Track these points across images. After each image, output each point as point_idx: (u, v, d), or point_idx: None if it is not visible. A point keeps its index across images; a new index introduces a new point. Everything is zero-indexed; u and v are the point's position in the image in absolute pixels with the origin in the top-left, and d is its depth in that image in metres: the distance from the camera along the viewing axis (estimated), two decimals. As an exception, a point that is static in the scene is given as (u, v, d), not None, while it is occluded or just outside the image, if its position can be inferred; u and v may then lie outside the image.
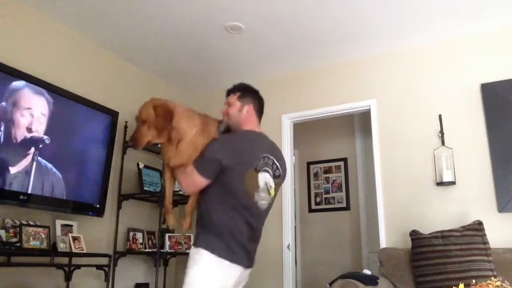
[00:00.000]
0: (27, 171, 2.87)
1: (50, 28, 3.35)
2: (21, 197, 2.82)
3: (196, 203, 2.10)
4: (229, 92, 2.24)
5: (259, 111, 2.23)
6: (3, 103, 2.77)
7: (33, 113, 2.95)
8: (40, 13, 3.26)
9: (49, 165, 3.03)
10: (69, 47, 3.51)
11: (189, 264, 1.93)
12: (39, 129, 2.98)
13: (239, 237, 1.96)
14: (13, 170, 2.79)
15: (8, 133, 2.78)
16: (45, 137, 3.00)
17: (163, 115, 1.99)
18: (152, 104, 2.03)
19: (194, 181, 1.97)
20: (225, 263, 1.91)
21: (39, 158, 2.95)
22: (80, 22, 3.42)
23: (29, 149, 2.90)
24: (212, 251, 1.90)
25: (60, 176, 3.10)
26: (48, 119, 3.04)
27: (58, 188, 3.08)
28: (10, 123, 2.80)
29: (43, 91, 3.03)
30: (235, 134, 2.13)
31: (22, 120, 2.87)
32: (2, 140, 2.74)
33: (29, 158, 2.89)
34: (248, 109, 2.16)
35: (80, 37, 3.60)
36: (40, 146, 2.97)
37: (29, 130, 2.90)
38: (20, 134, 2.85)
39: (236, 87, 2.24)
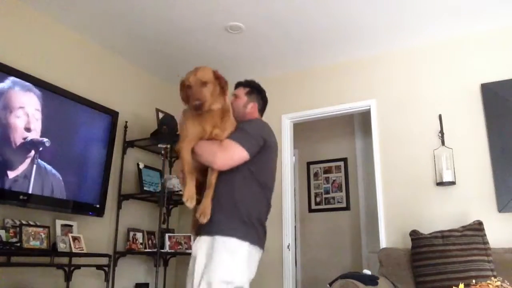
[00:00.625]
0: (26, 174, 2.86)
1: (50, 29, 3.35)
2: (21, 197, 2.82)
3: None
4: (239, 85, 2.31)
5: (262, 111, 2.32)
6: None
7: (27, 111, 2.91)
8: (39, 13, 3.26)
9: (49, 167, 3.02)
10: (69, 47, 3.51)
11: (218, 250, 1.85)
12: (37, 126, 2.96)
13: (262, 218, 2.01)
14: (12, 174, 2.78)
15: (6, 138, 2.77)
16: (45, 139, 3.00)
17: (222, 81, 1.98)
18: (211, 70, 1.98)
19: (234, 155, 1.91)
20: (256, 249, 1.95)
21: (39, 160, 2.94)
22: (80, 22, 3.42)
23: (29, 152, 2.90)
24: (245, 238, 1.88)
25: (60, 177, 3.10)
26: (42, 114, 3.00)
27: (58, 190, 3.08)
28: (6, 127, 2.78)
29: (37, 89, 3.01)
30: (261, 120, 2.17)
31: (18, 121, 2.85)
32: (1, 145, 2.73)
33: (28, 161, 2.88)
34: (252, 106, 2.25)
35: (80, 37, 3.60)
36: (40, 149, 2.96)
37: (27, 129, 2.89)
38: (19, 137, 2.84)
39: (247, 82, 2.32)
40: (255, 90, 2.30)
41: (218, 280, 1.81)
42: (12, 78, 2.84)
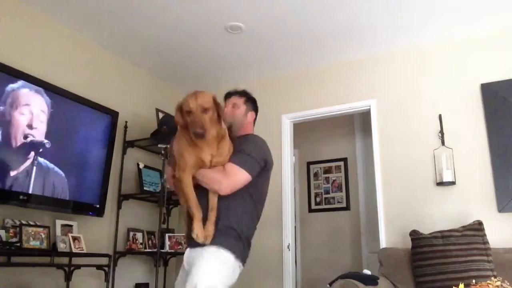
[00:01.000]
0: (27, 172, 2.86)
1: (50, 29, 3.35)
2: (21, 197, 2.82)
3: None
4: (232, 94, 2.27)
5: (255, 120, 2.32)
6: (2, 106, 2.75)
7: (32, 110, 2.92)
8: (40, 14, 3.26)
9: (51, 165, 3.02)
10: (69, 47, 3.51)
11: (207, 257, 1.86)
12: (40, 126, 2.97)
13: (251, 237, 2.03)
14: (12, 174, 2.77)
15: (7, 137, 2.76)
16: (45, 141, 2.99)
17: (220, 107, 1.93)
18: (211, 95, 1.92)
19: (239, 179, 1.91)
20: (240, 264, 1.96)
21: (39, 158, 2.94)
22: (80, 22, 3.41)
23: (29, 153, 2.89)
24: (233, 253, 1.90)
25: (63, 174, 3.10)
26: (48, 117, 3.03)
27: (61, 188, 3.08)
28: (9, 125, 2.78)
29: (43, 90, 3.03)
30: (259, 138, 2.12)
31: (22, 118, 2.85)
32: (1, 143, 2.73)
33: (28, 163, 2.87)
34: (251, 115, 2.25)
35: (80, 37, 3.60)
36: (40, 150, 2.96)
37: (29, 126, 2.89)
38: (20, 136, 2.83)
39: (243, 92, 2.29)
40: (250, 99, 2.28)
41: (204, 285, 1.79)
42: (14, 79, 2.84)
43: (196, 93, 1.89)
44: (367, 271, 2.89)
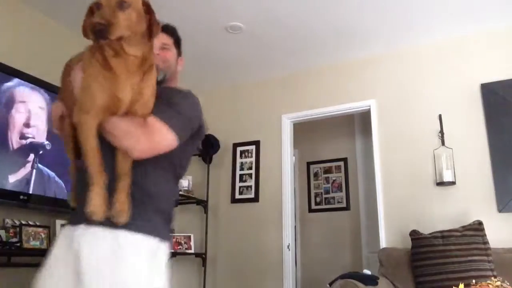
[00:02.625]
0: (27, 180, 2.83)
1: (48, 28, 3.34)
2: (21, 197, 2.81)
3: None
4: (162, 29, 1.67)
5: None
6: None
7: (30, 108, 2.85)
8: (38, 13, 3.25)
9: (52, 173, 2.99)
10: (69, 46, 3.49)
11: (128, 250, 1.31)
12: (39, 125, 2.93)
13: (172, 214, 1.54)
14: (12, 178, 2.74)
15: (4, 138, 2.72)
16: (46, 142, 2.97)
17: (153, 17, 1.45)
18: None
19: (163, 141, 1.38)
20: (167, 245, 1.46)
21: (39, 165, 2.90)
22: (80, 21, 3.41)
23: (29, 155, 2.85)
24: (162, 237, 1.41)
25: (63, 185, 3.07)
26: (48, 114, 2.99)
27: (61, 190, 3.07)
28: (5, 126, 2.73)
29: (40, 89, 2.98)
30: (195, 96, 1.61)
31: (18, 116, 2.78)
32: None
33: (28, 166, 2.84)
34: (180, 62, 1.81)
35: (79, 36, 3.59)
36: (41, 152, 2.92)
37: (26, 125, 2.83)
38: (17, 136, 2.79)
39: (171, 29, 1.80)
40: (180, 41, 1.81)
41: None
42: (14, 79, 2.82)
43: None
44: (367, 271, 2.90)
